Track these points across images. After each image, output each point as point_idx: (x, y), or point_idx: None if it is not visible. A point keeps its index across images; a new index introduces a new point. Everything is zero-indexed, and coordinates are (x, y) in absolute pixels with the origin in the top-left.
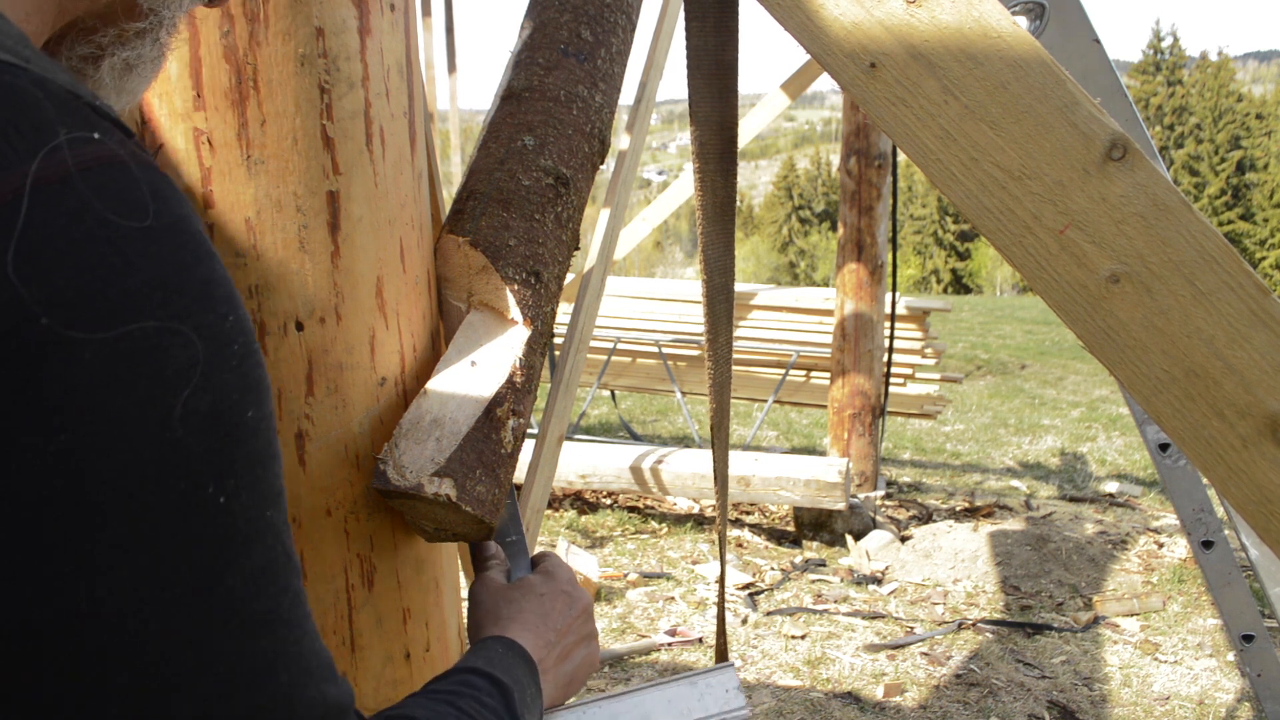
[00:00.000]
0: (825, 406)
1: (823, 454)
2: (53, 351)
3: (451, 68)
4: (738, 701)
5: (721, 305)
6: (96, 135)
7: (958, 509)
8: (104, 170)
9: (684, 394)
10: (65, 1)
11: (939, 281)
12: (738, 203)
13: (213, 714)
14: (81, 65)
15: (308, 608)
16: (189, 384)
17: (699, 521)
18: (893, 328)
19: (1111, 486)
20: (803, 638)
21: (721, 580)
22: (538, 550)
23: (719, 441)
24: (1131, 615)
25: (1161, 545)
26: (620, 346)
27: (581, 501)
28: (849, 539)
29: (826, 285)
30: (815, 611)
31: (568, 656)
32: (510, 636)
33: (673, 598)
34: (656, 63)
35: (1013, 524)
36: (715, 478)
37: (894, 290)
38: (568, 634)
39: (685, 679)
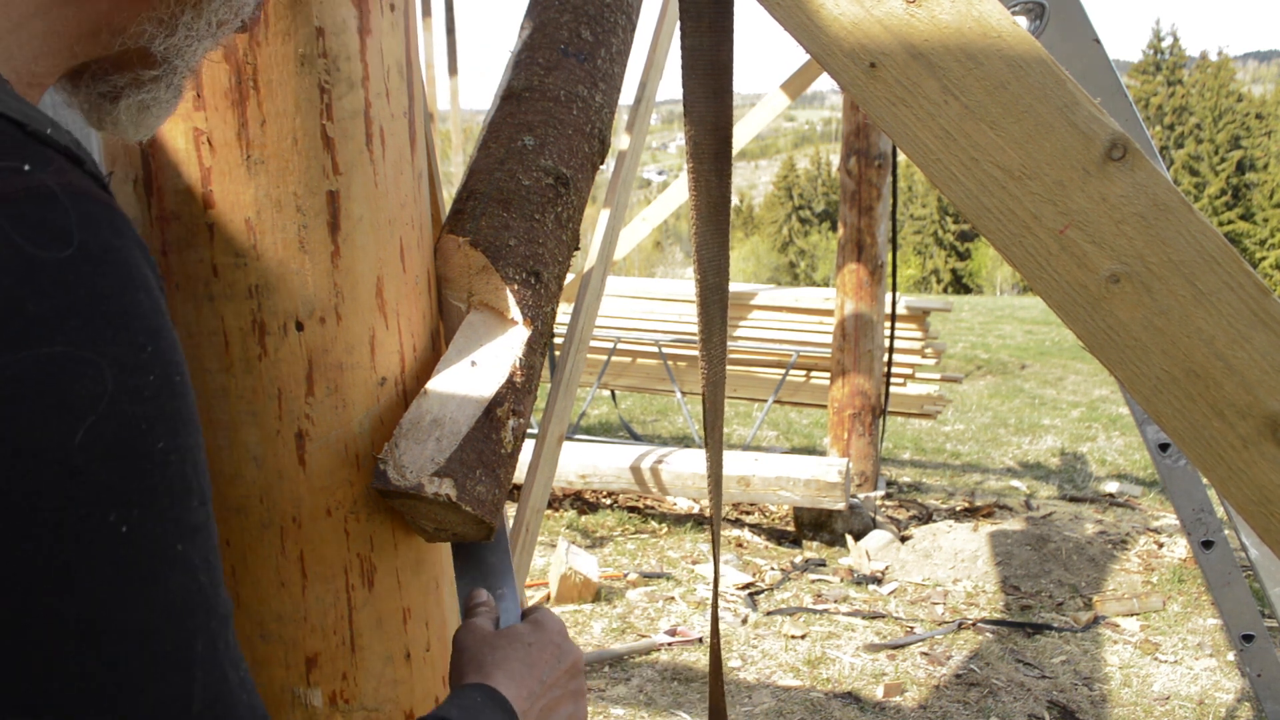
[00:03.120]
0: (825, 406)
1: (823, 454)
2: None
3: (452, 68)
4: None
5: (715, 305)
6: (27, 167)
7: (958, 509)
8: (26, 200)
9: (684, 394)
10: (76, 47)
11: (939, 281)
12: (738, 203)
13: None
14: (99, 101)
15: (235, 655)
16: (94, 411)
17: (699, 521)
18: (893, 328)
19: (1111, 486)
20: (803, 638)
21: (715, 580)
22: (530, 603)
23: (712, 441)
24: (1131, 615)
25: (1161, 545)
26: (620, 346)
27: (581, 501)
28: (849, 539)
29: (826, 285)
30: (815, 611)
31: (553, 711)
32: (492, 685)
33: (673, 598)
34: (656, 63)
35: (1013, 524)
36: (709, 477)
37: (894, 290)
38: (554, 688)
39: None
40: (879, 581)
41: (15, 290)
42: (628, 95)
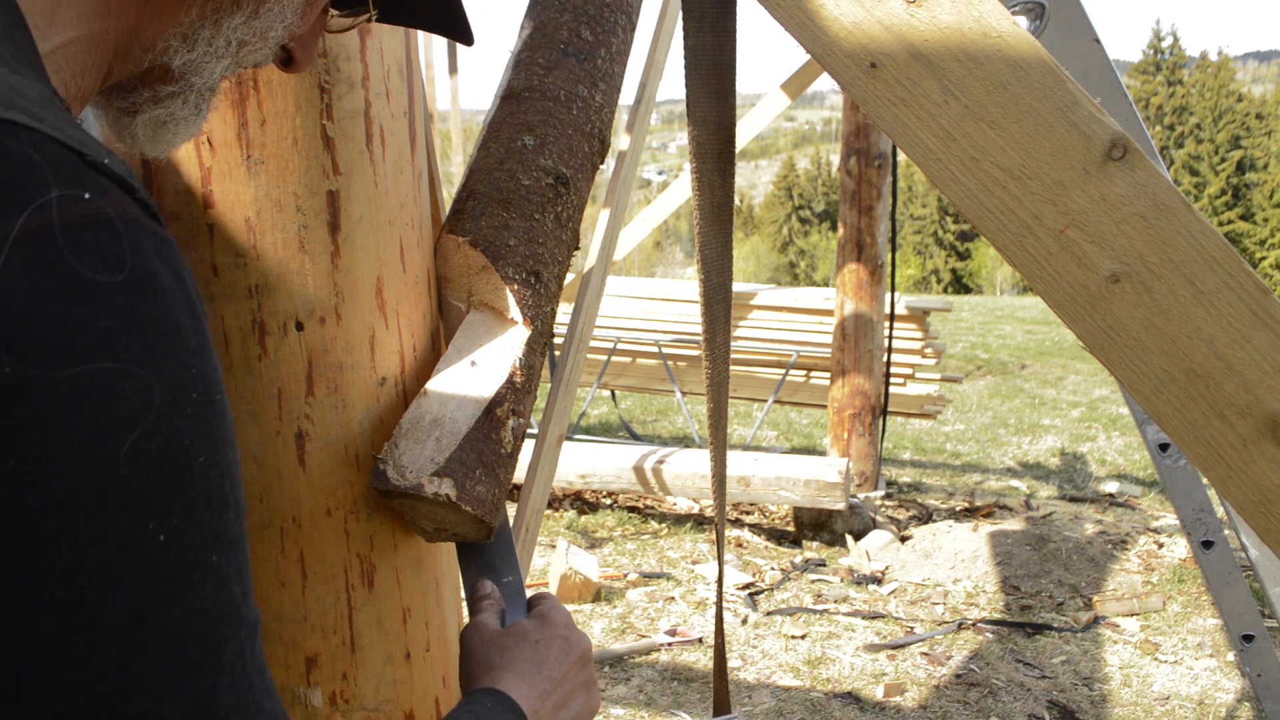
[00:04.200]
0: (825, 406)
1: (823, 454)
2: (14, 386)
3: (452, 68)
4: None
5: (719, 305)
6: (87, 195)
7: (958, 509)
8: (86, 227)
9: (684, 394)
10: (113, 63)
11: (939, 281)
12: (738, 202)
13: None
14: (118, 115)
15: (260, 663)
16: (141, 425)
17: (699, 521)
18: (892, 327)
19: (1111, 486)
20: (803, 638)
21: (720, 581)
22: (532, 591)
23: (716, 441)
24: (1131, 615)
25: (1161, 545)
26: (620, 346)
27: (581, 501)
28: (849, 539)
29: (826, 285)
30: (815, 611)
31: (565, 705)
32: (501, 688)
33: (673, 598)
34: (656, 63)
35: (1013, 524)
36: (713, 476)
37: (894, 290)
38: (564, 682)
39: None
40: (879, 581)
41: (73, 310)
42: (628, 95)
